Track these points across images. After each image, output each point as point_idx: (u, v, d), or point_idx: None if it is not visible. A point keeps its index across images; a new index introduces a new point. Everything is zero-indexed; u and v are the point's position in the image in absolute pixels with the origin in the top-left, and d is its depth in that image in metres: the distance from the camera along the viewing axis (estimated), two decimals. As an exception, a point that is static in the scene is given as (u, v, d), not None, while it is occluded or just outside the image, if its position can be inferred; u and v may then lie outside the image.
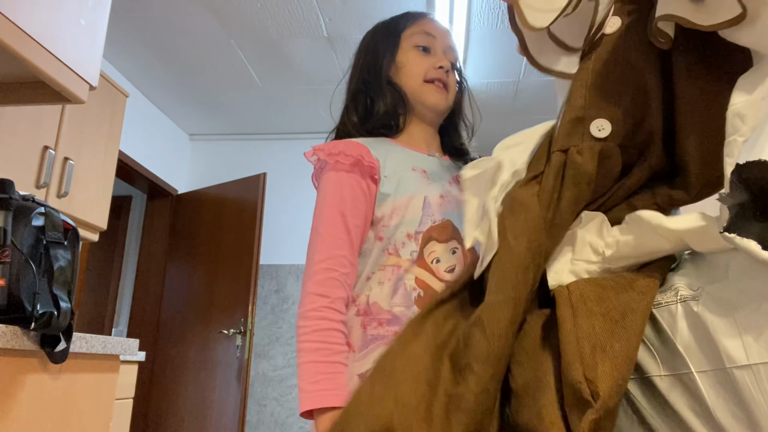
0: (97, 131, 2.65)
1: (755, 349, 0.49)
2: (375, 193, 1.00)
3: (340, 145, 1.01)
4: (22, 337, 1.21)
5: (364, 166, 0.99)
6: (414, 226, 0.99)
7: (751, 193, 0.49)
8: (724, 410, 0.50)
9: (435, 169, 1.07)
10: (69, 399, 1.37)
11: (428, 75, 1.06)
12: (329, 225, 0.96)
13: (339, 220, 0.96)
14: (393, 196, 0.99)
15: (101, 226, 2.68)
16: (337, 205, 0.97)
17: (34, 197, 1.32)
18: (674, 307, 0.56)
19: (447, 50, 1.10)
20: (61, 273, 1.30)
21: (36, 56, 1.48)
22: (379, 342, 0.95)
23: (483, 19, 2.95)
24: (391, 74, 1.07)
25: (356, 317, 0.98)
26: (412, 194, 1.00)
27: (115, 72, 3.51)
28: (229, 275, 3.68)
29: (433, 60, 1.07)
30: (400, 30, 1.10)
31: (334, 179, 0.99)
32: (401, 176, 1.01)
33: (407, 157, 1.05)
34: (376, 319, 0.96)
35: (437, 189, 1.03)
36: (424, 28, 1.09)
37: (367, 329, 0.96)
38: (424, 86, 1.06)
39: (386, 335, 0.95)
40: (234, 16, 2.97)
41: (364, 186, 0.99)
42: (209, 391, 3.56)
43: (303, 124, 4.21)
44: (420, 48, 1.08)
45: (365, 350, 0.95)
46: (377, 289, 0.97)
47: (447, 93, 1.08)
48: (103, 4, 1.75)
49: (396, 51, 1.08)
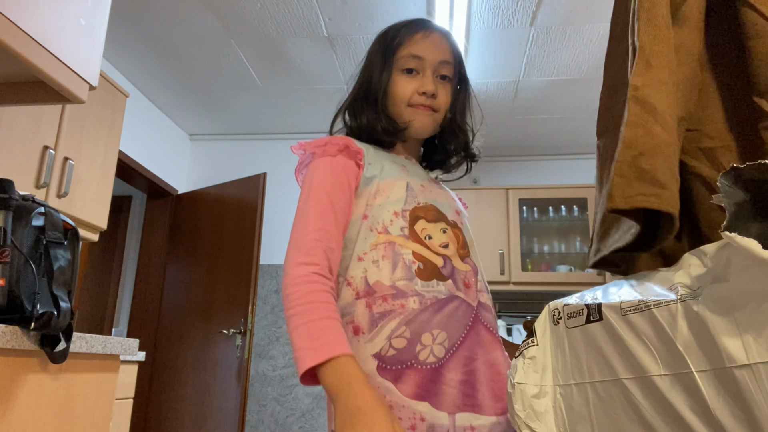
0: (97, 131, 2.65)
1: (755, 349, 0.49)
2: (359, 177, 1.04)
3: (327, 138, 1.06)
4: (22, 337, 1.21)
5: (351, 150, 1.04)
6: (400, 204, 1.03)
7: (751, 193, 0.50)
8: (724, 410, 0.50)
9: (413, 167, 1.13)
10: (69, 399, 1.37)
11: (411, 100, 1.09)
12: (316, 203, 0.99)
13: (325, 199, 1.00)
14: (378, 178, 1.04)
15: (101, 226, 2.68)
16: (324, 187, 1.01)
17: (34, 197, 1.32)
18: (674, 306, 0.56)
19: (439, 66, 1.10)
20: (61, 273, 1.30)
21: (36, 56, 1.48)
22: (388, 317, 0.95)
23: (483, 19, 2.95)
24: (382, 97, 1.10)
25: (358, 300, 0.98)
26: (393, 177, 1.05)
27: (115, 72, 3.51)
28: (229, 275, 3.68)
29: (417, 84, 1.09)
30: (394, 49, 1.11)
31: (322, 164, 1.03)
32: (384, 164, 1.06)
33: (390, 155, 1.11)
34: (381, 296, 0.97)
35: (417, 180, 1.08)
36: (412, 51, 1.10)
37: (372, 308, 0.97)
38: (408, 110, 1.09)
39: (393, 309, 0.95)
40: (234, 16, 2.97)
41: (350, 168, 1.03)
42: (209, 391, 3.56)
43: (303, 124, 4.21)
44: (406, 71, 1.10)
45: (375, 329, 0.95)
46: (374, 268, 0.99)
47: (432, 115, 1.10)
48: (103, 4, 1.75)
49: (387, 74, 1.11)
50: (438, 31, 1.14)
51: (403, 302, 0.96)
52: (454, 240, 1.04)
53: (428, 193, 1.08)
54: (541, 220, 4.16)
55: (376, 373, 0.93)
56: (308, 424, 3.77)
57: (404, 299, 0.96)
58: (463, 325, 0.99)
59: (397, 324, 0.95)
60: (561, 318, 1.02)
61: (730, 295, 0.52)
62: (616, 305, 0.82)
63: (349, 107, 1.15)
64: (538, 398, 0.98)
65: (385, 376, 0.93)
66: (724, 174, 0.51)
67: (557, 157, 4.53)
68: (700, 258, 0.60)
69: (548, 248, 4.15)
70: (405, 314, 0.96)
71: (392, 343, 0.94)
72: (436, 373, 0.94)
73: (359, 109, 1.13)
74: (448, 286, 0.99)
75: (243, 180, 3.86)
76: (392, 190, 1.03)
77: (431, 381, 0.93)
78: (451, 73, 1.12)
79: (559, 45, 3.15)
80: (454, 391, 0.94)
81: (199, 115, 4.11)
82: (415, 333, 0.95)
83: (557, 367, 0.98)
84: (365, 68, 1.16)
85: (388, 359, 0.94)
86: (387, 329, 0.95)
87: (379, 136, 1.10)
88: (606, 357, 0.83)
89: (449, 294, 0.99)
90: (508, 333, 3.90)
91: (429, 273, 0.99)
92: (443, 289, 0.99)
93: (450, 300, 0.99)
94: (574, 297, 1.03)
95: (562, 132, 4.18)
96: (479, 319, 1.01)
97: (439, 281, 0.99)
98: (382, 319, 0.96)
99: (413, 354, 0.94)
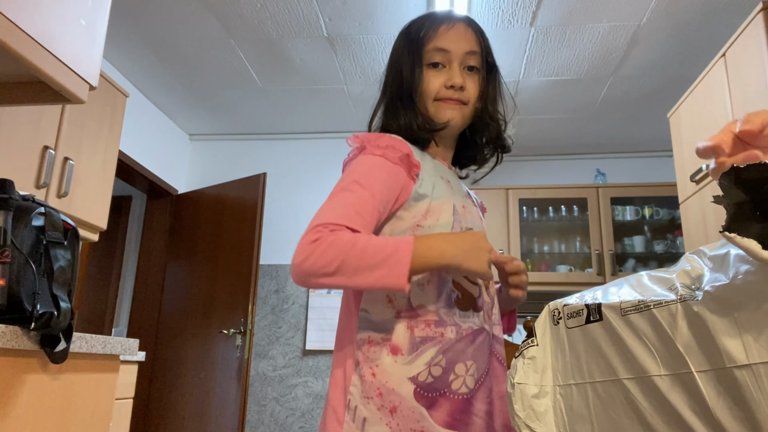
0: (97, 131, 2.65)
1: (755, 349, 0.49)
2: (410, 191, 1.00)
3: (387, 139, 1.01)
4: (22, 337, 1.21)
5: (411, 162, 1.00)
6: (447, 228, 1.02)
7: (751, 193, 0.50)
8: (724, 410, 0.50)
9: (454, 181, 1.11)
10: (69, 399, 1.37)
11: (439, 94, 1.07)
12: (356, 201, 0.93)
13: (368, 200, 0.94)
14: (430, 198, 1.02)
15: (101, 226, 2.68)
16: (369, 187, 0.95)
17: (34, 197, 1.32)
18: (674, 306, 0.56)
19: (465, 58, 1.08)
20: (61, 273, 1.30)
21: (36, 56, 1.47)
22: (429, 343, 0.95)
23: (483, 19, 2.95)
24: (413, 93, 1.08)
25: (398, 319, 0.97)
26: (445, 199, 1.03)
27: (115, 72, 3.51)
28: (229, 275, 3.68)
29: (444, 78, 1.07)
30: (422, 45, 1.09)
31: (376, 164, 0.98)
32: (435, 181, 1.04)
33: (436, 166, 1.08)
34: (424, 320, 0.97)
35: (459, 199, 1.07)
36: (437, 44, 1.08)
37: (414, 331, 0.96)
38: (435, 104, 1.08)
39: (435, 336, 0.96)
40: (234, 16, 2.97)
41: (403, 180, 0.99)
42: (209, 391, 3.56)
43: (303, 124, 4.21)
44: (432, 65, 1.08)
45: (415, 352, 0.95)
46: (419, 290, 0.98)
47: (462, 108, 1.08)
48: (103, 4, 1.75)
49: (419, 69, 1.08)
50: (462, 21, 1.11)
51: (442, 330, 0.96)
52: None
53: (468, 215, 1.07)
54: (541, 220, 4.16)
55: (413, 398, 0.93)
56: (308, 424, 3.76)
57: (444, 328, 0.97)
58: (487, 356, 1.00)
59: (436, 351, 0.95)
60: (561, 318, 1.02)
61: (730, 295, 0.52)
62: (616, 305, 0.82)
63: (387, 107, 1.13)
64: (538, 398, 0.98)
65: (421, 401, 0.93)
66: (724, 174, 0.51)
67: (557, 157, 4.53)
68: (700, 258, 0.60)
69: (548, 248, 4.15)
70: (443, 343, 0.96)
71: (431, 370, 0.95)
72: (467, 404, 0.95)
73: (396, 108, 1.10)
74: (480, 318, 1.01)
75: (243, 180, 3.86)
76: (441, 212, 1.02)
77: (462, 411, 0.95)
78: (478, 63, 1.10)
79: (559, 45, 3.14)
80: (482, 421, 0.96)
81: (199, 115, 4.11)
82: (450, 362, 0.95)
83: (557, 368, 0.98)
84: (392, 65, 1.13)
85: (425, 386, 0.94)
86: (427, 355, 0.95)
87: (416, 135, 1.08)
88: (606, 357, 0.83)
89: (480, 325, 1.00)
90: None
91: (466, 303, 1.00)
92: (477, 320, 1.00)
93: (480, 332, 1.00)
94: (574, 297, 1.03)
95: (562, 132, 4.18)
96: (494, 351, 1.03)
97: (475, 312, 1.00)
98: (423, 344, 0.95)
99: (447, 383, 0.95)
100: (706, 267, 0.58)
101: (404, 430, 0.92)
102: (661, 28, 2.97)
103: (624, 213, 4.02)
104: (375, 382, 0.94)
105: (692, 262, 0.61)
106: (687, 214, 2.58)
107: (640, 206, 4.03)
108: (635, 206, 4.02)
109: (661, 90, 3.57)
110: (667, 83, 3.49)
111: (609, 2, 2.79)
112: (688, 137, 2.56)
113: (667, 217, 4.00)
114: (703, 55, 3.16)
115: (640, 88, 3.56)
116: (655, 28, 2.97)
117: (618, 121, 3.99)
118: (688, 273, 0.59)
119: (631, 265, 3.98)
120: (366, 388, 0.94)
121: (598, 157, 4.48)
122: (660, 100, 3.69)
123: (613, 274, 3.84)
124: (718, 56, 2.27)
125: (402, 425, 0.92)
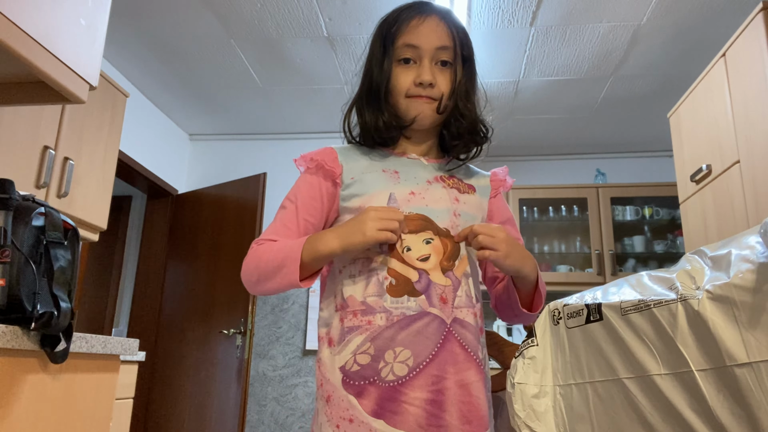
0: (97, 131, 2.65)
1: (756, 347, 0.49)
2: (336, 195, 1.07)
3: (314, 153, 1.09)
4: (22, 337, 1.21)
5: (326, 169, 1.07)
6: None
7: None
8: (724, 408, 0.50)
9: (411, 169, 1.09)
10: (69, 399, 1.37)
11: (409, 91, 1.07)
12: (283, 215, 1.07)
13: (293, 212, 1.06)
14: (359, 195, 1.05)
15: (101, 226, 2.68)
16: (294, 200, 1.07)
17: (34, 197, 1.32)
18: (674, 305, 0.56)
19: (436, 53, 1.07)
20: (61, 273, 1.30)
21: (36, 56, 1.47)
22: (355, 332, 0.98)
23: (483, 19, 2.95)
24: (384, 90, 1.08)
25: (336, 312, 1.02)
26: (376, 191, 1.04)
27: (115, 72, 3.51)
28: (229, 275, 3.68)
29: (413, 74, 1.06)
30: (392, 40, 1.08)
31: (300, 180, 1.10)
32: (367, 177, 1.06)
33: (381, 160, 1.10)
34: (351, 311, 1.00)
35: (407, 186, 1.05)
36: (407, 40, 1.07)
37: (344, 322, 1.00)
38: (407, 101, 1.07)
39: (361, 325, 0.98)
40: (234, 16, 2.97)
41: (324, 187, 1.07)
42: (209, 391, 3.56)
43: (303, 124, 4.21)
44: (403, 61, 1.08)
45: (342, 342, 0.99)
46: (350, 282, 1.02)
47: (432, 103, 1.07)
48: (103, 4, 1.75)
49: (388, 65, 1.08)
50: (435, 14, 1.09)
51: (370, 318, 0.98)
52: (439, 251, 1.01)
53: (419, 199, 1.04)
54: (541, 220, 4.16)
55: (341, 387, 0.96)
56: (308, 424, 3.76)
57: (372, 315, 0.98)
58: (434, 342, 0.96)
59: (362, 340, 0.97)
60: (561, 318, 1.02)
61: (731, 294, 0.52)
62: (616, 305, 0.82)
63: (356, 104, 1.13)
64: (538, 398, 0.98)
65: (349, 390, 0.96)
66: None
67: (557, 157, 4.53)
68: (700, 258, 0.60)
69: (548, 248, 4.15)
70: (371, 330, 0.97)
71: (357, 358, 0.96)
72: (395, 392, 0.94)
73: (364, 106, 1.11)
74: (420, 302, 0.97)
75: (243, 180, 3.86)
76: (370, 204, 1.02)
77: (389, 399, 0.94)
78: (450, 57, 1.08)
79: (559, 45, 3.14)
80: (418, 411, 0.93)
81: (199, 115, 4.11)
82: (379, 350, 0.96)
83: (557, 367, 0.99)
84: (368, 60, 1.13)
85: (352, 374, 0.96)
86: (353, 344, 0.97)
87: (381, 134, 1.08)
88: (606, 356, 0.83)
89: (420, 310, 0.97)
90: (508, 333, 3.90)
91: (401, 289, 0.98)
92: (413, 305, 0.97)
93: (419, 317, 0.97)
94: (574, 297, 1.03)
95: (562, 132, 4.18)
96: (453, 336, 0.98)
97: (411, 297, 0.98)
98: (349, 334, 0.98)
99: (376, 371, 0.95)
100: (706, 266, 0.58)
101: (335, 418, 0.95)
102: (661, 28, 2.97)
103: (624, 213, 4.02)
104: (319, 375, 1.02)
105: (692, 262, 0.61)
106: (687, 214, 2.58)
107: (640, 206, 4.03)
108: (635, 206, 4.02)
109: (661, 90, 3.57)
110: (667, 83, 3.49)
111: (609, 2, 2.79)
112: (688, 137, 2.56)
113: (667, 217, 4.00)
114: (703, 55, 3.16)
115: (640, 88, 3.56)
116: (655, 28, 2.97)
117: (618, 121, 3.99)
118: (689, 272, 0.59)
119: (631, 265, 3.98)
120: (317, 382, 1.02)
121: (598, 157, 4.48)
122: (660, 100, 3.69)
123: (613, 274, 3.84)
124: (718, 56, 2.27)
125: (334, 414, 0.96)
